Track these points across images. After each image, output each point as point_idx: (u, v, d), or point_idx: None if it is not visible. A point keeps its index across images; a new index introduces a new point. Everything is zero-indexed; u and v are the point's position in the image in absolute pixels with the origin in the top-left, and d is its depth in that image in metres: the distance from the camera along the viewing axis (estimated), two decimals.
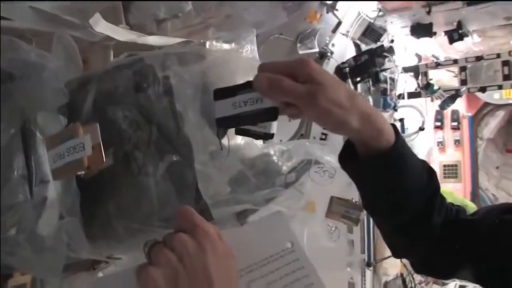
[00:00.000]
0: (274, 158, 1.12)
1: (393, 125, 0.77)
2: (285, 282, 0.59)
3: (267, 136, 0.85)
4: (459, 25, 2.81)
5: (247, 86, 0.66)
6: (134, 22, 1.21)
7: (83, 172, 0.58)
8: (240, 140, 1.00)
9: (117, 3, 1.17)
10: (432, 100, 3.84)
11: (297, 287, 0.59)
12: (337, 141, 2.11)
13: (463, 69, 3.17)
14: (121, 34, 1.06)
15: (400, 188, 0.79)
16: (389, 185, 0.78)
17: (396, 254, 0.97)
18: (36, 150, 0.64)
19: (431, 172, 0.84)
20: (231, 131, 0.86)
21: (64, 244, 0.66)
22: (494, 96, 4.13)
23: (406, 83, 3.18)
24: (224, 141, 0.90)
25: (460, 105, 4.20)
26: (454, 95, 3.12)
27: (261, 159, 1.03)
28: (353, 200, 1.96)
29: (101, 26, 0.96)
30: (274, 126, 0.87)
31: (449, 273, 0.89)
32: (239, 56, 1.02)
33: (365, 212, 0.85)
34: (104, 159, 0.57)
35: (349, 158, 0.78)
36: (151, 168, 0.72)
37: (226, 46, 1.07)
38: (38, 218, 0.64)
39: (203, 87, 0.90)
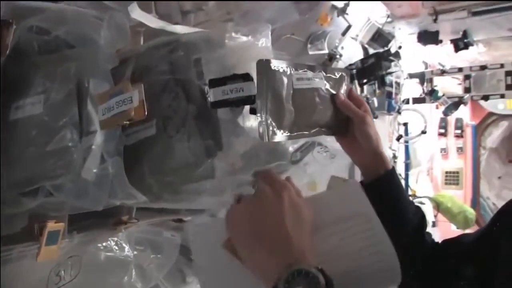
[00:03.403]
0: None
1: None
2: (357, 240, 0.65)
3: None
4: (465, 34, 2.91)
5: (233, 78, 0.83)
6: (162, 12, 1.35)
7: (127, 122, 0.71)
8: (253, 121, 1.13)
9: None
10: (437, 107, 3.95)
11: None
12: None
13: (467, 77, 3.29)
14: (153, 21, 1.19)
15: (398, 204, 0.94)
16: (390, 202, 0.92)
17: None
18: (87, 106, 0.77)
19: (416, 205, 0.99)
20: (247, 113, 1.00)
21: (107, 188, 0.80)
22: (498, 106, 4.22)
23: (411, 89, 3.28)
24: (240, 120, 1.03)
25: (464, 113, 4.30)
26: (457, 102, 3.23)
27: None
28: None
29: (137, 13, 1.10)
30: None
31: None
32: (254, 46, 1.14)
33: None
34: (146, 113, 0.70)
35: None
36: (184, 135, 0.85)
37: (243, 38, 1.19)
38: (84, 162, 0.77)
39: (222, 70, 1.03)
